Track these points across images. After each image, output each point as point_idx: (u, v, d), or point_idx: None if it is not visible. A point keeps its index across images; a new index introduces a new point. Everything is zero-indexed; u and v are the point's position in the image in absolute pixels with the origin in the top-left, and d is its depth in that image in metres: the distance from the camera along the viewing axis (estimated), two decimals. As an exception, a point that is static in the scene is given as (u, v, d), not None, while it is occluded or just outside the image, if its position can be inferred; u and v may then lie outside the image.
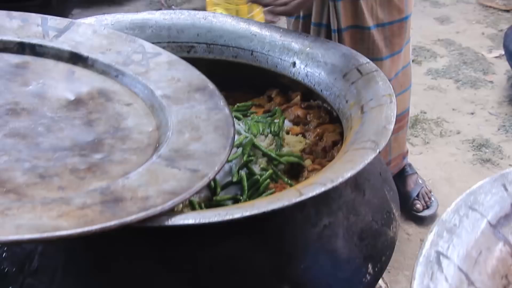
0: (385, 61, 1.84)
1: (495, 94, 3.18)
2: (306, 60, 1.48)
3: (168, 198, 0.94)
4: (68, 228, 0.81)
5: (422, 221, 2.24)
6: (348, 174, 1.01)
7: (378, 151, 1.07)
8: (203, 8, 3.83)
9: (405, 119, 2.09)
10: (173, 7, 3.81)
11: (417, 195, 2.22)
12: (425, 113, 2.97)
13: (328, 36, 1.77)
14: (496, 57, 3.57)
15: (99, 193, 0.95)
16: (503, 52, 3.29)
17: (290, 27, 1.90)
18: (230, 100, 1.60)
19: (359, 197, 1.21)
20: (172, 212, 0.95)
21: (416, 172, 2.29)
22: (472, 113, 3.00)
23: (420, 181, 2.26)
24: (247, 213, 0.92)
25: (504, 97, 3.15)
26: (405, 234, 2.23)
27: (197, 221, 0.90)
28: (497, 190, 0.97)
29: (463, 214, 0.92)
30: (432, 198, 2.27)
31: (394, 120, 1.17)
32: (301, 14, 1.81)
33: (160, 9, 3.80)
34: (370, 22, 1.76)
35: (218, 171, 1.04)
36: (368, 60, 1.39)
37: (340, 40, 1.76)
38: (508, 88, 3.23)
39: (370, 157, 1.06)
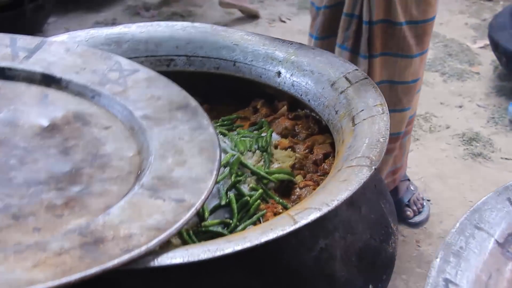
0: (415, 59, 1.81)
1: (482, 86, 3.14)
2: (292, 69, 1.41)
3: (153, 236, 0.88)
4: (44, 280, 0.74)
5: (416, 223, 2.20)
6: (343, 196, 0.96)
7: (374, 168, 1.02)
8: (184, 12, 3.75)
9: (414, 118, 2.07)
10: (151, 11, 3.72)
11: (408, 201, 2.17)
12: (413, 108, 2.93)
13: (359, 28, 1.74)
14: (481, 47, 3.53)
15: (78, 234, 0.88)
16: (487, 42, 3.25)
17: (318, 17, 1.83)
18: (214, 113, 1.54)
19: (355, 214, 1.15)
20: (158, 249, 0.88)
21: (408, 179, 2.24)
22: (460, 106, 2.96)
23: (412, 188, 2.21)
24: (238, 247, 0.86)
25: (491, 88, 3.11)
26: (400, 236, 2.18)
27: (185, 260, 0.84)
28: (502, 205, 0.92)
29: (469, 234, 0.87)
30: (424, 203, 2.22)
31: (388, 131, 1.11)
32: (328, 3, 1.76)
33: (138, 13, 3.71)
34: (402, 18, 1.73)
35: (205, 199, 0.97)
36: (356, 67, 1.34)
37: (371, 33, 1.73)
38: (494, 78, 3.19)
39: (366, 175, 1.00)
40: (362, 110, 1.20)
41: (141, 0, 3.89)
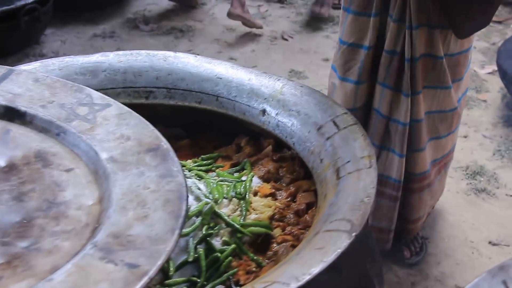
0: (451, 90, 1.78)
1: (489, 115, 3.02)
2: (277, 108, 1.31)
3: (95, 312, 0.77)
4: None
5: (412, 264, 2.08)
6: (316, 270, 0.85)
7: (354, 235, 0.91)
8: (183, 27, 3.67)
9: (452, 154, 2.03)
10: (150, 25, 3.63)
11: (406, 241, 2.05)
12: (415, 136, 2.81)
13: (401, 65, 1.69)
14: (489, 73, 3.41)
15: (11, 307, 0.78)
16: (496, 68, 3.14)
17: (358, 60, 1.74)
18: (195, 149, 1.44)
19: (335, 279, 1.04)
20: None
21: (408, 217, 2.13)
22: (465, 136, 2.84)
23: (411, 227, 2.10)
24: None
25: (499, 117, 2.99)
26: (395, 277, 2.06)
27: None
28: (495, 290, 0.81)
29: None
30: (422, 243, 2.11)
31: (374, 190, 1.00)
32: (372, 42, 1.70)
33: (137, 26, 3.63)
34: (441, 51, 1.70)
35: (161, 266, 0.87)
36: (346, 110, 1.23)
37: (413, 69, 1.68)
38: (502, 107, 3.08)
39: (344, 244, 0.89)
40: (348, 161, 1.09)
41: (141, 13, 3.80)
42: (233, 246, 1.09)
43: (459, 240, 2.21)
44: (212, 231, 1.11)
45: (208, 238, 1.10)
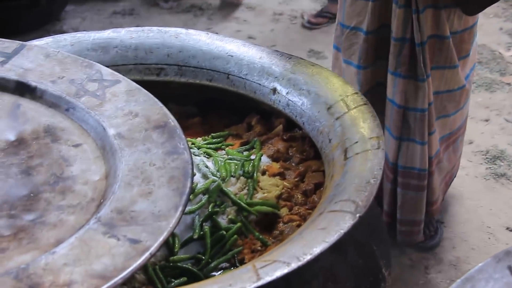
0: (458, 68, 1.75)
1: (512, 98, 2.96)
2: (288, 87, 1.30)
3: (95, 286, 0.78)
4: None
5: (427, 248, 2.06)
6: (318, 250, 0.85)
7: (358, 216, 0.90)
8: (203, 5, 3.64)
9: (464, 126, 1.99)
10: (170, 2, 3.61)
11: (420, 224, 2.03)
12: (435, 119, 2.77)
13: (412, 51, 1.65)
14: (515, 55, 3.34)
15: (13, 278, 0.79)
16: (522, 50, 3.07)
17: (359, 43, 1.71)
18: (206, 127, 1.44)
19: (339, 260, 1.03)
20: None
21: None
22: (487, 120, 2.78)
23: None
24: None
25: (522, 101, 2.93)
26: (408, 260, 2.04)
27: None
28: (501, 275, 0.79)
29: (455, 310, 0.74)
30: (438, 227, 2.08)
31: (381, 172, 0.99)
32: (371, 27, 1.66)
33: (157, 4, 3.61)
34: (448, 31, 1.67)
35: (163, 243, 0.87)
36: (357, 90, 1.21)
37: (423, 53, 1.65)
38: (527, 91, 3.01)
39: (347, 225, 0.88)
40: (356, 142, 1.08)
41: (161, -10, 3.79)
42: (238, 224, 1.09)
43: (476, 225, 2.18)
44: (218, 209, 1.11)
45: (214, 216, 1.10)
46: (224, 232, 1.07)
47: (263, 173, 1.23)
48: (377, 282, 1.07)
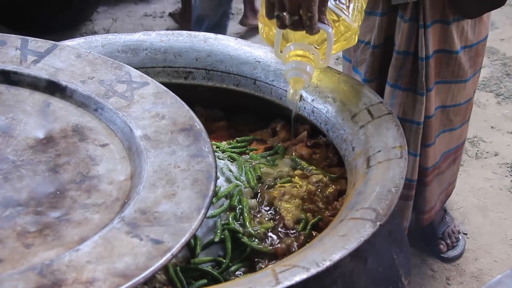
0: (468, 82, 1.73)
1: (540, 111, 2.92)
2: (313, 94, 1.30)
3: (116, 284, 0.80)
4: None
5: (448, 259, 2.04)
6: (337, 256, 0.85)
7: (378, 224, 0.90)
8: (234, 10, 3.66)
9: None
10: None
11: (442, 234, 2.02)
12: (461, 129, 2.74)
13: (415, 65, 1.64)
14: (545, 67, 3.29)
15: (38, 273, 0.81)
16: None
17: (356, 55, 1.73)
18: (231, 131, 1.45)
19: (359, 267, 1.03)
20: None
21: (445, 209, 2.08)
22: (512, 133, 2.76)
23: (447, 219, 2.06)
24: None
25: (551, 114, 2.89)
26: (429, 270, 2.03)
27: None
28: (520, 289, 0.79)
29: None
30: (460, 237, 2.06)
31: (403, 181, 0.99)
32: (377, 41, 1.66)
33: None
34: (458, 45, 1.64)
35: (184, 244, 0.88)
36: (381, 99, 1.21)
37: (426, 67, 1.63)
38: (555, 103, 2.96)
39: (368, 232, 0.89)
40: (379, 151, 1.08)
41: (192, -6, 3.82)
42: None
43: (499, 237, 2.16)
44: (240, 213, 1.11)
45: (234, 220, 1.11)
46: (245, 238, 1.08)
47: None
48: (396, 292, 1.07)
